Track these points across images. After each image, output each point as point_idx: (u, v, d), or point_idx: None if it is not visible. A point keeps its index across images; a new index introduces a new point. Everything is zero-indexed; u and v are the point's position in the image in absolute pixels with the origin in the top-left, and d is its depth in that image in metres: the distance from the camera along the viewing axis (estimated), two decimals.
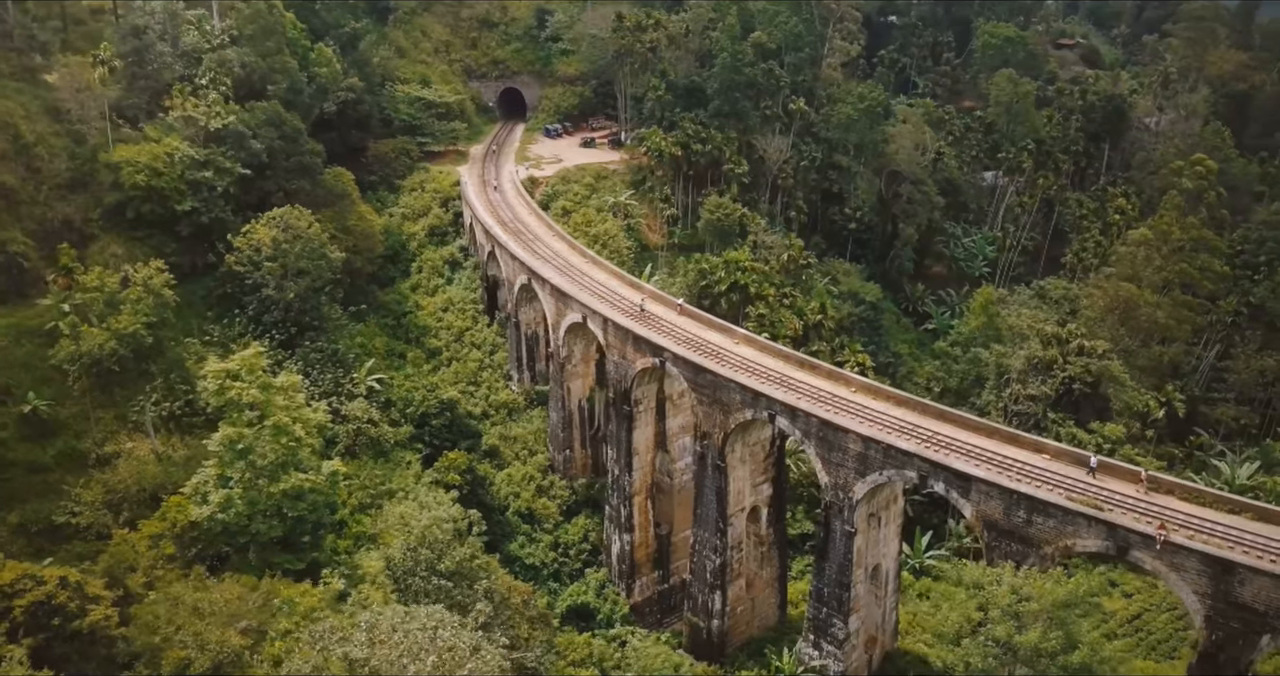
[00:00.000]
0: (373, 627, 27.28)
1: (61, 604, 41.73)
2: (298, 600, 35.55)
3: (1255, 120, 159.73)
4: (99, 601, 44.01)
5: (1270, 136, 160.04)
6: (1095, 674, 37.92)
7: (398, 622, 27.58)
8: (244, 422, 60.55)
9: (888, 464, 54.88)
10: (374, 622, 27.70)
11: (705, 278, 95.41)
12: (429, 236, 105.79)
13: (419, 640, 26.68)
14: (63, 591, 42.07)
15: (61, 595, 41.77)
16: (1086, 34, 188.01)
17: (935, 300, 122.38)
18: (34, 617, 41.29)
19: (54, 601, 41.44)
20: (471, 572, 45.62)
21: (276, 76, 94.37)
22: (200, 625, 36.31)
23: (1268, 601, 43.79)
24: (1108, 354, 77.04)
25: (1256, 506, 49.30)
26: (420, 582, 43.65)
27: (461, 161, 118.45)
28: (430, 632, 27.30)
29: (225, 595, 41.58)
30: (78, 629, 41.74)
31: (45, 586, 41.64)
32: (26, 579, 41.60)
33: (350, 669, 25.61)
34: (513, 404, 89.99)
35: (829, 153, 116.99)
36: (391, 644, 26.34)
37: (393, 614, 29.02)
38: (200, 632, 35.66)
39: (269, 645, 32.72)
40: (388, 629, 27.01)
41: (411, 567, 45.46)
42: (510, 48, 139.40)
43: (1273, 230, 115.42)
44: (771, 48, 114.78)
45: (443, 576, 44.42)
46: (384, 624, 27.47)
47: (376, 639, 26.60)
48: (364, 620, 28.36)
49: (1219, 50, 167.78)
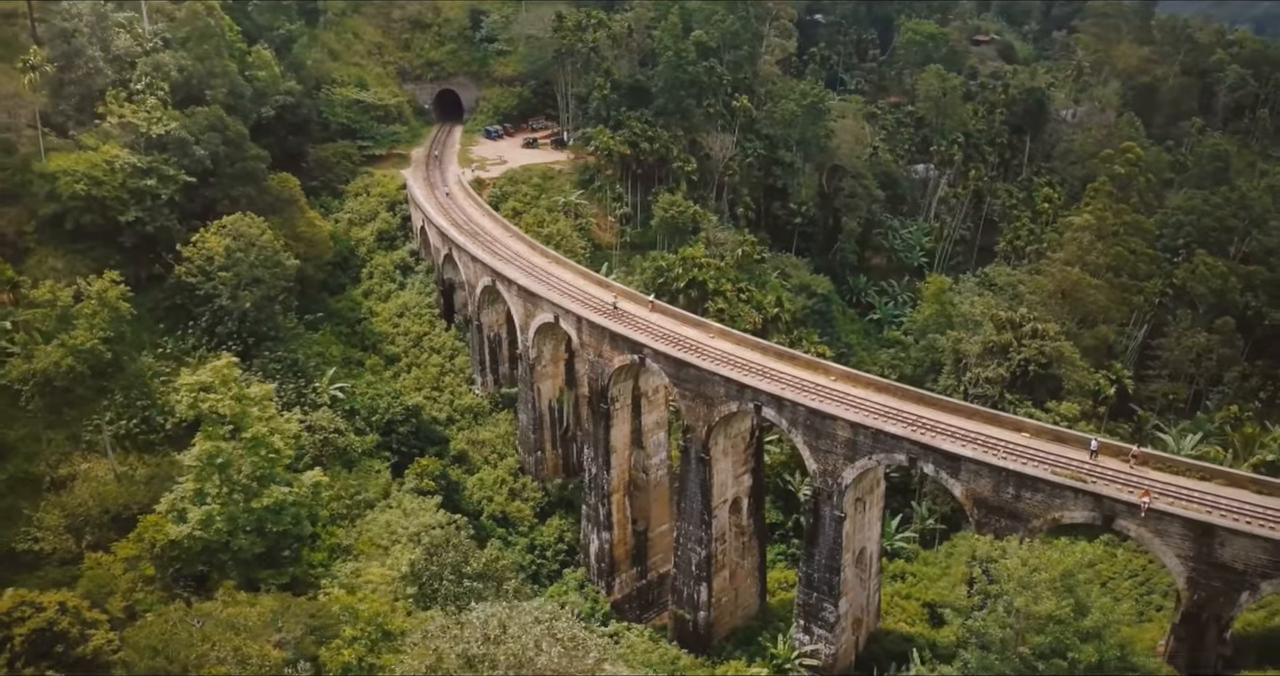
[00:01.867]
0: (486, 623, 26.92)
1: (63, 630, 39.98)
2: (360, 607, 34.67)
3: (1160, 111, 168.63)
4: (98, 626, 42.29)
5: (1175, 126, 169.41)
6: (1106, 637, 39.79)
7: (506, 618, 27.26)
8: (221, 436, 58.90)
9: (877, 448, 56.35)
10: (485, 619, 27.33)
11: (662, 275, 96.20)
12: (378, 241, 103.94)
13: (537, 633, 26.44)
14: (63, 617, 40.29)
15: (63, 621, 40.00)
16: (1000, 31, 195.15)
17: (878, 291, 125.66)
18: (34, 646, 39.48)
19: (56, 628, 39.66)
20: (498, 574, 45.28)
21: (215, 81, 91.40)
22: (238, 640, 35.20)
23: (1246, 560, 46.49)
24: (1057, 336, 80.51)
25: (1226, 472, 52.34)
26: (449, 586, 43.12)
27: (404, 165, 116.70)
28: (546, 625, 27.10)
29: (260, 609, 40.34)
30: (81, 655, 40.06)
31: (45, 613, 39.79)
32: (25, 606, 39.67)
33: (470, 665, 25.24)
34: (478, 408, 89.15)
35: (772, 149, 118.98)
36: (510, 638, 26.02)
37: (497, 610, 28.67)
38: (240, 647, 34.57)
39: (334, 653, 31.89)
40: (497, 625, 26.68)
41: (437, 572, 44.85)
42: (445, 49, 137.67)
43: (1188, 215, 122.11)
44: (712, 46, 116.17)
45: (471, 578, 43.99)
46: (493, 620, 27.14)
47: (491, 636, 26.27)
48: (475, 617, 27.94)
49: (1123, 45, 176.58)
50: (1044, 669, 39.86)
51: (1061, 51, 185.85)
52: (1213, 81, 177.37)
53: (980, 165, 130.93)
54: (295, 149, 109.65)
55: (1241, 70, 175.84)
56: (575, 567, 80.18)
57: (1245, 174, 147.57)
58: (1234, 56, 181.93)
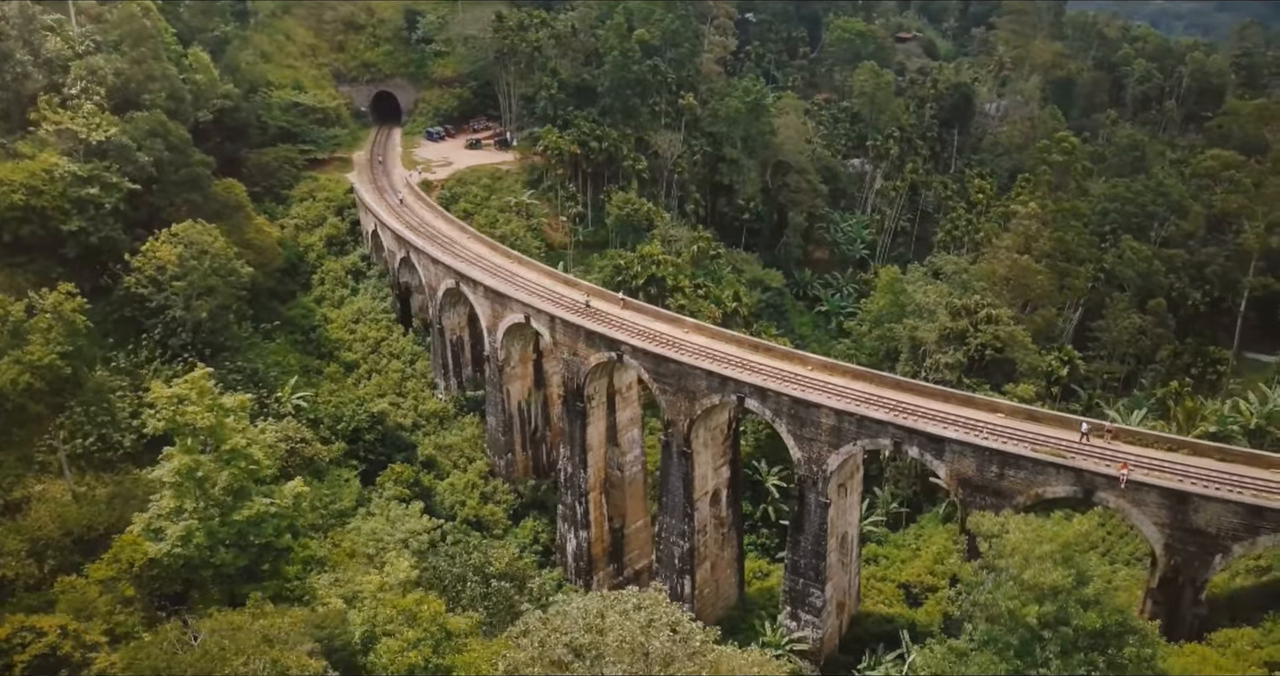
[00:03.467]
0: (585, 613, 26.79)
1: (66, 654, 38.48)
2: (418, 609, 33.99)
3: (1076, 104, 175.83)
4: (99, 648, 40.82)
5: (1089, 117, 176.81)
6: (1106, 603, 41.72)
7: (604, 607, 27.18)
8: (197, 449, 57.21)
9: (862, 434, 57.79)
10: (584, 609, 27.17)
11: (621, 272, 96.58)
12: (327, 247, 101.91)
13: (640, 620, 26.44)
14: (65, 641, 38.76)
15: (65, 645, 38.49)
16: (922, 28, 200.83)
17: (823, 284, 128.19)
18: (37, 672, 37.93)
19: (59, 652, 38.15)
20: (521, 573, 45.02)
21: (154, 84, 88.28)
22: (274, 652, 34.23)
23: (1218, 524, 49.22)
24: (1010, 321, 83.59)
25: (1191, 442, 55.27)
26: (475, 587, 42.69)
27: (347, 168, 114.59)
28: (648, 611, 27.12)
29: (291, 619, 39.34)
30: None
31: (47, 637, 38.23)
32: (25, 632, 38.04)
33: (578, 655, 25.10)
34: (443, 412, 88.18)
35: (717, 146, 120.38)
36: (613, 626, 25.94)
37: (594, 600, 28.51)
38: (278, 659, 33.64)
39: (396, 656, 31.26)
40: (597, 614, 26.59)
41: (460, 574, 44.34)
42: (380, 50, 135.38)
43: (1112, 202, 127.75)
44: (654, 45, 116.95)
45: (497, 578, 43.65)
46: (592, 610, 27.01)
47: (594, 625, 26.17)
48: (574, 607, 27.70)
49: (1038, 41, 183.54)
50: (1049, 636, 41.52)
51: (981, 47, 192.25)
52: (1122, 75, 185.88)
53: (916, 159, 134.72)
54: (233, 154, 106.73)
55: (1147, 64, 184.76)
56: (552, 567, 79.96)
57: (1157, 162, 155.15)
58: (1139, 51, 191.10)
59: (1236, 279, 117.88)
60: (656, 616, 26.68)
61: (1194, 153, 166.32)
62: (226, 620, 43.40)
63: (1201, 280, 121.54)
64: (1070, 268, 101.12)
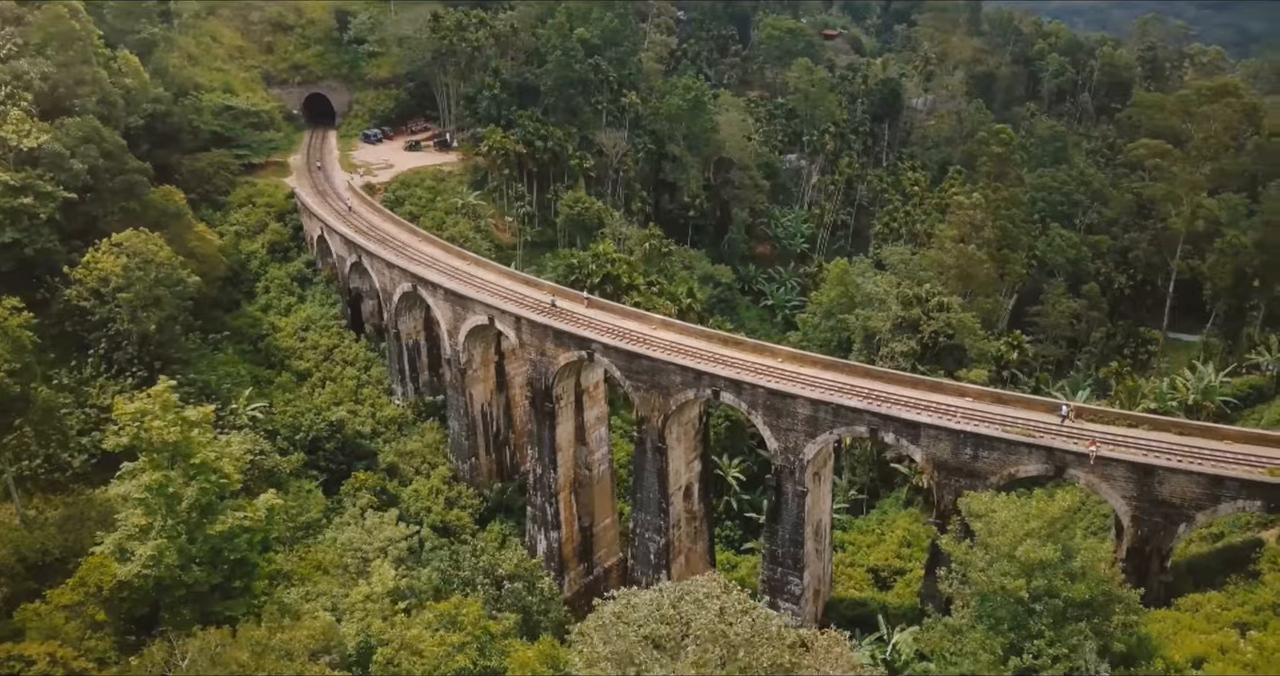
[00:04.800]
0: (658, 605, 26.56)
1: None
2: (457, 613, 33.25)
3: (996, 98, 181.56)
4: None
5: (1009, 110, 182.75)
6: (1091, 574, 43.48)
7: (675, 597, 26.97)
8: (163, 464, 55.30)
9: (838, 423, 58.91)
10: (655, 600, 26.93)
11: (574, 272, 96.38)
12: (270, 253, 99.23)
13: (714, 608, 26.43)
14: (56, 668, 37.15)
15: (58, 672, 36.88)
16: (846, 25, 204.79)
17: (767, 278, 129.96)
18: None
19: None
20: (529, 574, 44.60)
21: (84, 89, 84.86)
22: (296, 665, 33.23)
23: (1182, 495, 51.63)
24: (960, 309, 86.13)
25: (1150, 418, 57.81)
26: (487, 590, 42.14)
27: (284, 173, 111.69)
28: (716, 598, 27.09)
29: (308, 632, 38.23)
30: None
31: (37, 665, 36.59)
32: (14, 661, 36.32)
33: (657, 647, 24.90)
34: (402, 418, 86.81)
35: (660, 144, 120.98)
36: (692, 615, 25.84)
37: (654, 592, 28.20)
38: (301, 672, 32.68)
39: (445, 660, 30.56)
40: (669, 605, 26.39)
41: (470, 577, 43.72)
42: (311, 52, 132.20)
43: (1040, 191, 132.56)
44: (595, 44, 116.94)
45: (508, 580, 43.15)
46: (665, 601, 26.73)
47: (669, 616, 26.02)
48: (645, 600, 27.40)
49: (957, 37, 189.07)
50: (1040, 609, 43.07)
51: (904, 44, 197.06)
52: (1037, 69, 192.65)
53: (852, 154, 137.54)
54: (165, 160, 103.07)
55: (1060, 59, 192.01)
56: None
57: (1074, 153, 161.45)
58: (1052, 46, 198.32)
59: (1159, 262, 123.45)
60: (728, 604, 26.93)
61: (1107, 143, 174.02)
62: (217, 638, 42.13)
63: (1126, 264, 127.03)
64: (1010, 255, 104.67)
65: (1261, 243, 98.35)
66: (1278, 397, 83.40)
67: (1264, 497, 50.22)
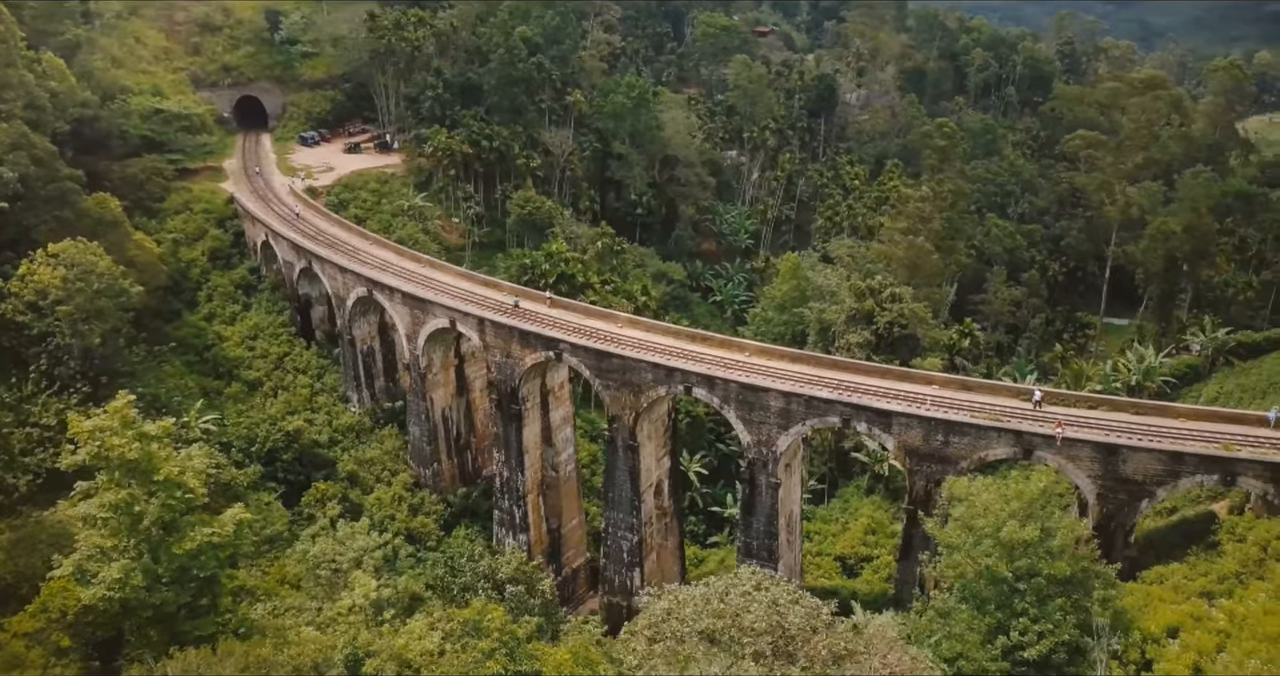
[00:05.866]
0: (707, 599, 26.30)
1: None
2: (482, 619, 32.30)
3: (926, 92, 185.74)
4: None
5: (938, 105, 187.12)
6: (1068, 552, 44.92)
7: (724, 590, 26.73)
8: (124, 482, 53.28)
9: (810, 414, 59.63)
10: (705, 595, 26.61)
11: (528, 272, 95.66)
12: (211, 261, 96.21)
13: (766, 599, 26.27)
14: None
15: None
16: (778, 22, 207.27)
17: (714, 274, 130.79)
18: None
19: None
20: (528, 577, 44.02)
21: (9, 94, 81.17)
22: None
23: (1145, 472, 53.59)
24: (912, 299, 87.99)
25: (1109, 399, 59.86)
26: (489, 596, 41.44)
27: (221, 178, 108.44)
28: (765, 590, 26.97)
29: (316, 646, 37.08)
30: None
31: None
32: None
33: (713, 641, 24.64)
34: (359, 426, 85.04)
35: (605, 142, 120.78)
36: (746, 608, 25.63)
37: (701, 588, 27.85)
38: None
39: (476, 667, 29.73)
40: (718, 598, 26.18)
41: (470, 582, 42.96)
42: (241, 52, 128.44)
43: (975, 183, 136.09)
44: (537, 42, 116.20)
45: (509, 583, 42.53)
46: (714, 595, 26.48)
47: (720, 610, 25.79)
48: (695, 594, 27.05)
49: (884, 33, 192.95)
50: (1024, 588, 44.29)
51: (834, 40, 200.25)
52: (963, 64, 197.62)
53: (793, 149, 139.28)
54: (94, 166, 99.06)
55: (984, 54, 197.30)
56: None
57: (1003, 144, 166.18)
58: (976, 41, 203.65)
59: (1090, 249, 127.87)
60: (778, 595, 26.99)
61: (1031, 134, 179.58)
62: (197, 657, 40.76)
63: (1059, 252, 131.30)
64: (955, 245, 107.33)
65: (1189, 228, 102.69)
66: (1213, 376, 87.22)
67: (1220, 471, 52.42)
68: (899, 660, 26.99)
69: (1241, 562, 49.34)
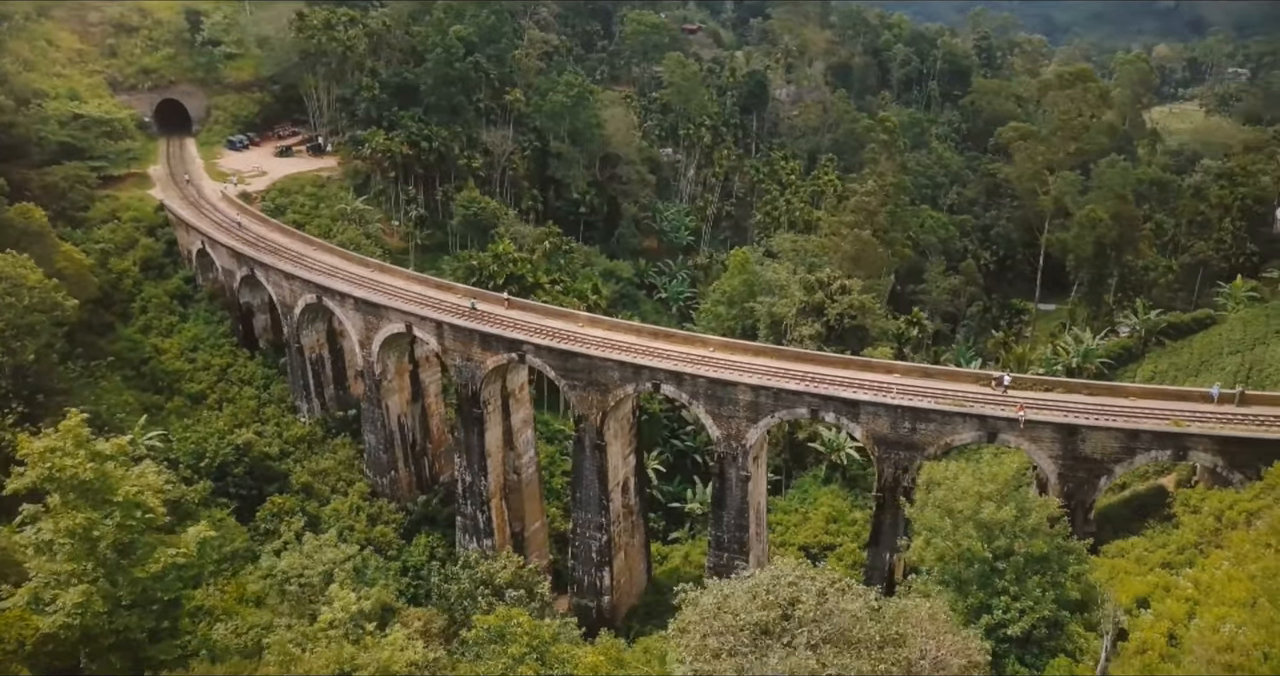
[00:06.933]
0: (753, 594, 25.98)
1: None
2: (506, 625, 31.42)
3: (853, 87, 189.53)
4: None
5: (864, 99, 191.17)
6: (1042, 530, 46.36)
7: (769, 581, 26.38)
8: (79, 504, 50.96)
9: (779, 406, 60.27)
10: (751, 589, 26.28)
11: (475, 273, 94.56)
12: (144, 271, 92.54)
13: (809, 587, 26.06)
14: None
15: None
16: (705, 19, 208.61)
17: (657, 271, 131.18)
18: None
19: None
20: (527, 581, 43.33)
21: None
22: None
23: (1103, 450, 55.57)
24: (860, 291, 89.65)
25: (1063, 381, 61.92)
26: (489, 601, 40.65)
27: (147, 185, 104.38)
28: (812, 579, 26.74)
29: (325, 660, 35.85)
30: None
31: None
32: None
33: (766, 633, 24.34)
34: (311, 436, 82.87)
35: (545, 141, 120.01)
36: (797, 597, 25.37)
37: (742, 583, 27.44)
38: None
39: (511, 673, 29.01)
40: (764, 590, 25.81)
41: (469, 589, 42.04)
42: (160, 55, 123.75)
43: (907, 175, 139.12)
44: (473, 41, 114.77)
45: (510, 588, 41.76)
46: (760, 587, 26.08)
47: (770, 602, 25.50)
48: (742, 590, 26.60)
49: (809, 29, 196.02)
50: (1003, 567, 45.54)
51: (760, 37, 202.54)
52: (886, 59, 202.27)
53: (729, 146, 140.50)
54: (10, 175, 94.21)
55: (905, 49, 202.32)
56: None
57: (929, 137, 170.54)
58: (897, 37, 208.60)
59: (1018, 238, 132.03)
60: (823, 584, 27.10)
61: (953, 127, 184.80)
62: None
63: (989, 241, 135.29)
64: (897, 237, 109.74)
65: (1117, 215, 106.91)
66: (1145, 356, 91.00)
67: (1173, 446, 54.66)
68: (950, 642, 27.48)
69: (1199, 533, 51.52)
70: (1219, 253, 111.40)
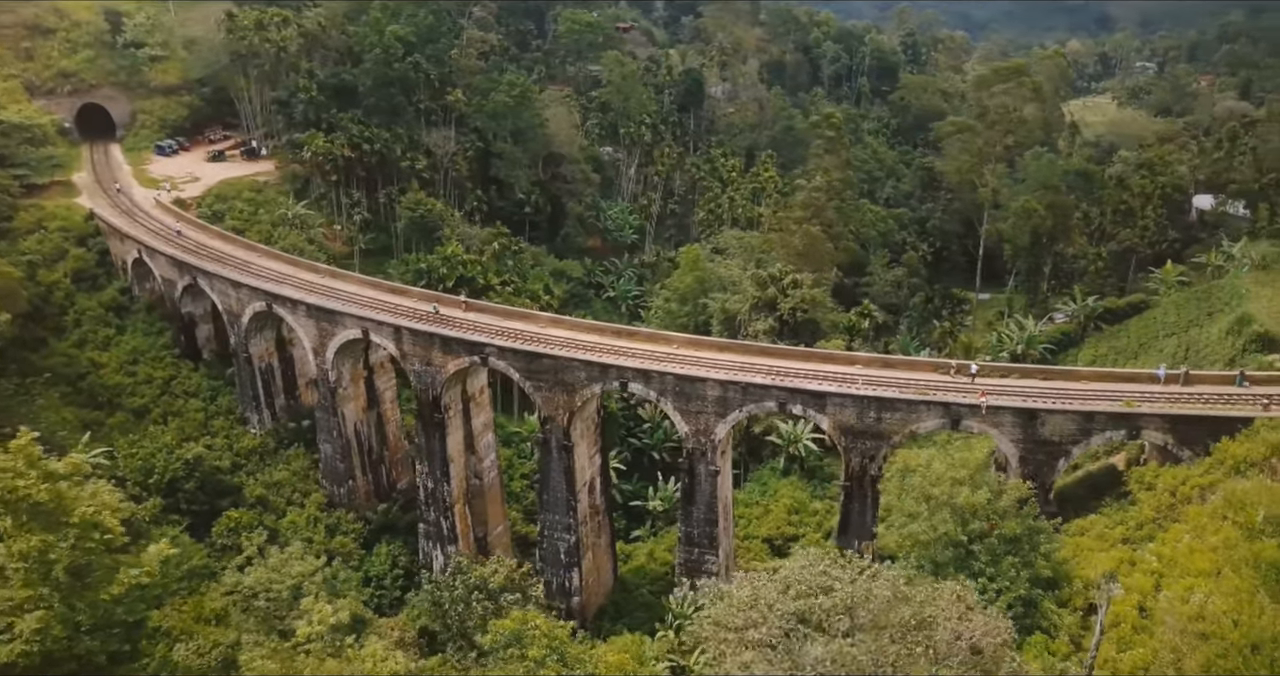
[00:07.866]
0: (785, 584, 25.85)
1: None
2: (523, 629, 30.63)
3: (786, 84, 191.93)
4: None
5: (796, 96, 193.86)
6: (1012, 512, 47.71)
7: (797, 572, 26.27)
8: (35, 527, 48.84)
9: (747, 400, 60.77)
10: (784, 580, 26.13)
11: (424, 276, 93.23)
12: (76, 283, 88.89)
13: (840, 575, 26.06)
14: None
15: None
16: (637, 18, 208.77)
17: (603, 271, 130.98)
18: None
19: None
20: (520, 584, 42.70)
21: None
22: None
23: (1061, 433, 57.33)
24: (811, 286, 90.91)
25: (1017, 368, 63.67)
26: (483, 606, 39.93)
27: (74, 193, 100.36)
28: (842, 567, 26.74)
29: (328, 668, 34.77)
30: None
31: None
32: None
33: (803, 621, 24.24)
34: (263, 448, 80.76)
35: (487, 141, 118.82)
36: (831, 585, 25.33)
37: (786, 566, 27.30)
38: None
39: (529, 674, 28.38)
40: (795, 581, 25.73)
41: (464, 594, 41.24)
42: (80, 57, 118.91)
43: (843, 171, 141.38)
44: (412, 41, 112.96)
45: (507, 591, 41.09)
46: (791, 578, 25.94)
47: (801, 591, 25.40)
48: (775, 582, 26.41)
49: (739, 27, 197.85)
50: (978, 549, 46.76)
51: (692, 35, 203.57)
52: (816, 57, 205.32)
53: (669, 145, 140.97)
54: None
55: (835, 46, 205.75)
56: (417, 590, 76.21)
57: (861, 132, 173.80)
58: (826, 34, 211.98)
59: (953, 230, 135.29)
60: (853, 572, 27.29)
61: (883, 123, 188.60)
62: None
63: (926, 233, 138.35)
64: (843, 232, 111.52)
65: (1051, 206, 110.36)
66: (1085, 341, 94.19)
67: (1127, 427, 56.68)
68: (977, 624, 28.00)
69: (1156, 508, 53.52)
70: (1143, 240, 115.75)
